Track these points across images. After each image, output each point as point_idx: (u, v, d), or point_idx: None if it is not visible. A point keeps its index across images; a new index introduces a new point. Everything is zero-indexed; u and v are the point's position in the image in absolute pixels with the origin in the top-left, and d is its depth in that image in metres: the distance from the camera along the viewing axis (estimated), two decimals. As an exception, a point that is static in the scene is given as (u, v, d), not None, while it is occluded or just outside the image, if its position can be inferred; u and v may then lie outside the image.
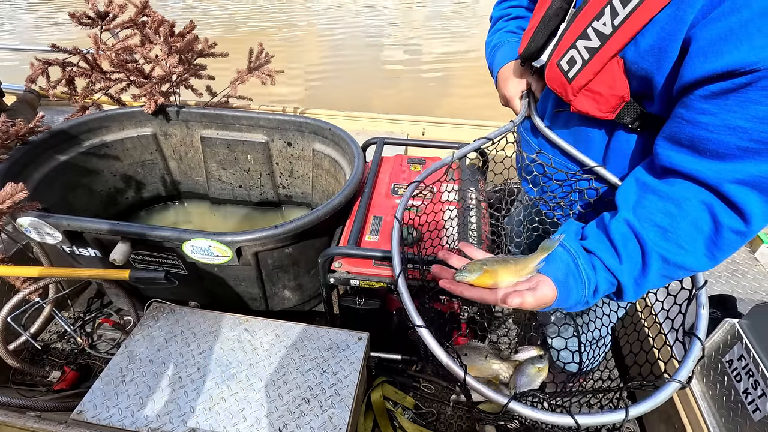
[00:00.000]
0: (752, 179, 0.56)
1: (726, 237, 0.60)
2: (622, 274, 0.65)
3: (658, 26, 0.59)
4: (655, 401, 0.59)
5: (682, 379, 0.60)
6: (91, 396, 1.18)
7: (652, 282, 0.65)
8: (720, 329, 1.20)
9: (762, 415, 1.03)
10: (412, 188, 0.86)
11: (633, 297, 0.67)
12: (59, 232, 1.35)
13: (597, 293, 0.66)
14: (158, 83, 1.87)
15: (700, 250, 0.62)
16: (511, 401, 0.60)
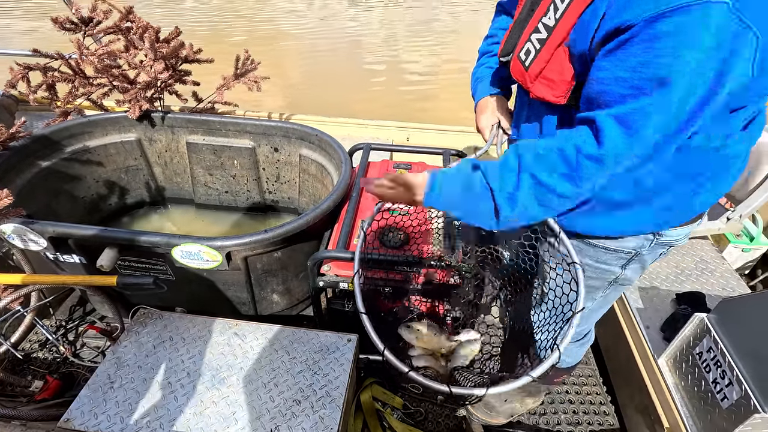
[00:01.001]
0: (621, 114, 0.64)
1: (582, 163, 0.69)
2: (495, 181, 0.76)
3: (588, 14, 0.69)
4: (509, 386, 0.76)
5: (535, 375, 0.75)
6: (78, 403, 1.17)
7: (524, 198, 0.75)
8: (690, 324, 1.28)
9: (729, 403, 1.10)
10: (377, 208, 1.07)
11: (508, 210, 0.77)
12: (44, 238, 1.34)
13: (471, 192, 0.79)
14: (143, 89, 1.86)
15: (564, 172, 0.71)
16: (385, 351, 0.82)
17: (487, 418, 1.54)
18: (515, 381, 0.75)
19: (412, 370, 0.79)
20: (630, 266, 0.98)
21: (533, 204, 0.75)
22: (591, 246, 0.97)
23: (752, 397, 1.02)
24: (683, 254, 1.88)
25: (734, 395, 1.08)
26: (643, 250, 0.94)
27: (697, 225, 0.94)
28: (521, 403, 1.53)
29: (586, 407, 1.64)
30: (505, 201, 0.76)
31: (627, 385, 1.58)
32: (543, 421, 1.60)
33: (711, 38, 0.55)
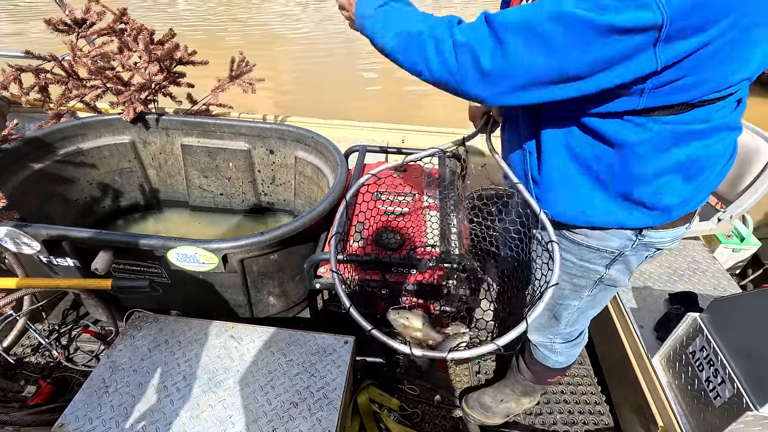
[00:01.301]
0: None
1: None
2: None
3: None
4: (472, 353, 0.78)
5: (500, 344, 0.76)
6: (72, 408, 1.16)
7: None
8: (683, 323, 1.29)
9: (722, 401, 1.12)
10: (365, 178, 1.10)
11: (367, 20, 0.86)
12: (37, 241, 1.33)
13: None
14: (137, 91, 1.86)
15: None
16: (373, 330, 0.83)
17: (483, 418, 1.55)
18: (479, 347, 0.77)
19: (374, 329, 0.82)
20: (614, 266, 1.00)
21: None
22: (575, 244, 0.99)
23: (744, 395, 1.04)
24: (676, 255, 1.90)
25: (727, 393, 1.10)
26: (627, 251, 0.96)
27: (684, 228, 0.95)
28: (517, 403, 1.54)
29: (582, 407, 1.66)
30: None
31: (621, 385, 1.60)
32: (539, 421, 1.61)
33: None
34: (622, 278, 1.04)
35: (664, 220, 0.87)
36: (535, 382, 1.43)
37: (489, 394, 1.56)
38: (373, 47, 0.90)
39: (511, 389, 1.51)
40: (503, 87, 0.72)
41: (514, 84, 0.71)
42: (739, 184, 1.74)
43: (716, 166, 0.82)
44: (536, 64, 0.68)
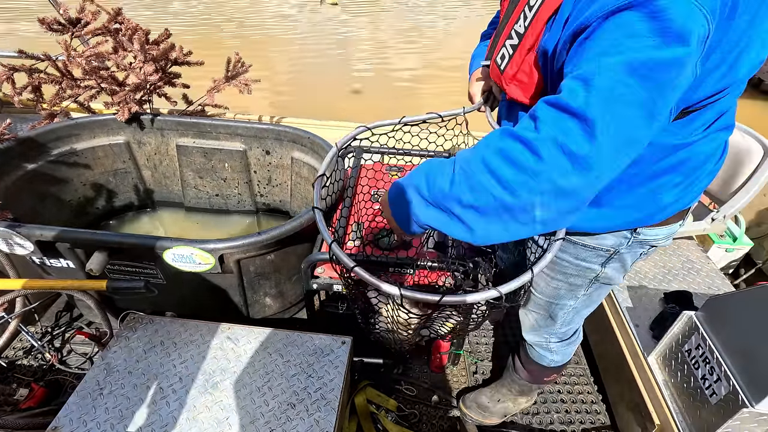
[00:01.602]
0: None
1: (510, 145, 0.63)
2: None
3: (552, 22, 0.72)
4: (471, 297, 0.71)
5: (503, 291, 0.70)
6: (66, 410, 1.15)
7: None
8: (679, 322, 1.30)
9: (718, 398, 1.13)
10: (359, 131, 0.99)
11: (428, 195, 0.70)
12: (30, 242, 1.31)
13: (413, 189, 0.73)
14: (132, 91, 1.84)
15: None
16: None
17: (480, 418, 1.55)
18: (478, 293, 0.70)
19: (357, 266, 0.72)
20: (610, 265, 1.00)
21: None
22: (570, 243, 1.00)
23: (740, 392, 1.05)
24: (670, 254, 1.92)
25: (723, 391, 1.11)
26: (622, 249, 0.96)
27: (678, 225, 0.96)
28: (514, 403, 1.55)
29: (578, 406, 1.66)
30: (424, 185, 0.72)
31: (617, 384, 1.60)
32: (536, 421, 1.61)
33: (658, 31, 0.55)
34: (618, 276, 1.04)
35: (659, 219, 0.89)
36: (532, 382, 1.43)
37: (486, 394, 1.56)
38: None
39: (508, 389, 1.51)
40: (602, 165, 0.60)
41: (612, 157, 0.60)
42: (732, 184, 1.76)
43: (708, 164, 0.84)
44: (632, 128, 0.59)
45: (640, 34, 0.56)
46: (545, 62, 0.75)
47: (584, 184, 0.60)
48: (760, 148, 1.67)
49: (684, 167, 0.81)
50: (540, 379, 1.41)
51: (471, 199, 0.64)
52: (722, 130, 0.80)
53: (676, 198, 0.86)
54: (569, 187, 0.60)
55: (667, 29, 0.54)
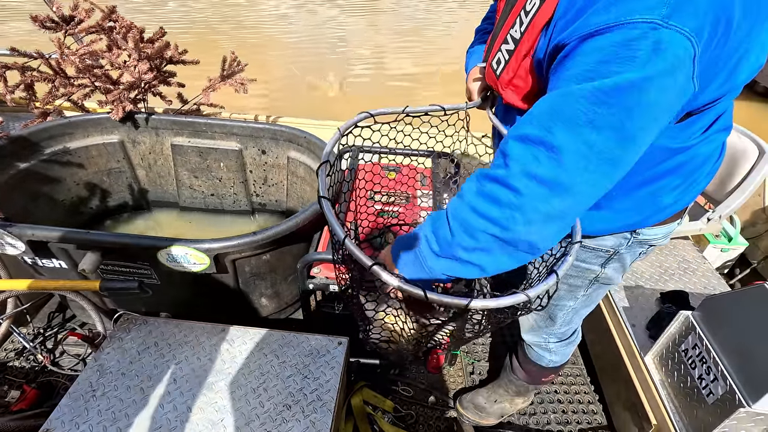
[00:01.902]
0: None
1: (486, 185, 0.66)
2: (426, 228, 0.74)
3: (545, 31, 0.71)
4: (499, 302, 0.67)
5: (531, 295, 0.68)
6: (58, 413, 1.13)
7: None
8: (675, 321, 1.30)
9: (715, 398, 1.13)
10: (362, 116, 0.96)
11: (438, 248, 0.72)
12: (22, 242, 1.29)
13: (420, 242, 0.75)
14: (127, 90, 1.83)
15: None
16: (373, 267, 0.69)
17: (477, 419, 1.54)
18: (506, 297, 0.68)
19: (376, 264, 0.68)
20: (610, 265, 1.00)
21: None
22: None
23: (737, 392, 1.05)
24: (666, 254, 1.92)
25: (719, 390, 1.11)
26: (622, 249, 0.96)
27: (676, 224, 0.96)
28: (511, 403, 1.54)
29: (575, 406, 1.66)
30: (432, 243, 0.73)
31: (614, 384, 1.60)
32: (533, 421, 1.61)
33: (642, 58, 0.55)
34: (617, 276, 1.04)
35: (658, 219, 0.89)
36: (529, 382, 1.43)
37: (483, 394, 1.56)
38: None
39: (505, 389, 1.51)
40: (580, 187, 0.61)
41: (587, 179, 0.61)
42: (728, 184, 1.77)
43: (707, 166, 0.84)
44: (603, 151, 0.60)
45: (612, 59, 0.56)
46: (541, 69, 0.75)
47: (568, 206, 0.62)
48: (756, 149, 1.67)
49: (683, 169, 0.81)
50: (538, 380, 1.41)
51: (473, 243, 0.67)
52: (720, 131, 0.80)
53: (676, 199, 0.86)
54: (555, 212, 0.62)
55: (640, 53, 0.54)
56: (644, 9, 0.53)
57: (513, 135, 0.64)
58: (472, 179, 0.69)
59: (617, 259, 0.98)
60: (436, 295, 0.66)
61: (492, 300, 0.67)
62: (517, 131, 0.64)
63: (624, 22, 0.54)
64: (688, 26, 0.53)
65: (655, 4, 0.53)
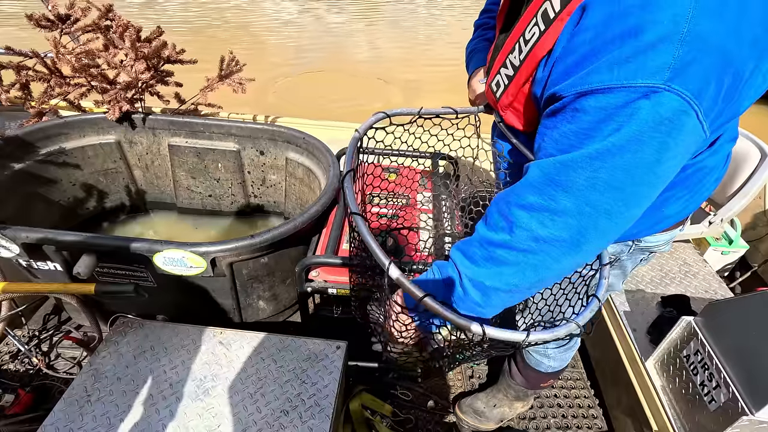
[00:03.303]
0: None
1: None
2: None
3: (542, 66, 0.70)
4: (554, 333, 0.66)
5: (580, 322, 0.67)
6: (52, 418, 1.11)
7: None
8: (677, 327, 1.29)
9: (717, 405, 1.11)
10: (379, 117, 0.92)
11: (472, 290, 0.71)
12: (16, 244, 1.27)
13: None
14: (123, 89, 1.81)
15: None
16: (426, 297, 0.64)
17: (476, 423, 1.53)
18: (560, 327, 0.66)
19: (428, 296, 0.64)
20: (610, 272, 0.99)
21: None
22: None
23: (740, 400, 1.03)
24: (667, 257, 1.91)
25: (722, 398, 1.09)
26: (623, 256, 0.95)
27: (678, 231, 0.95)
28: (510, 408, 1.53)
29: (575, 411, 1.65)
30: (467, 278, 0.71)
31: (615, 388, 1.59)
32: (533, 426, 1.59)
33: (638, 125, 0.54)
34: (617, 282, 1.03)
35: (661, 228, 0.88)
36: (528, 387, 1.41)
37: (482, 399, 1.55)
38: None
39: (504, 394, 1.50)
40: (590, 241, 0.62)
41: (596, 234, 0.62)
42: (729, 188, 1.76)
43: (713, 174, 0.83)
44: (608, 212, 0.61)
45: (611, 120, 0.55)
46: (538, 99, 0.73)
47: (581, 256, 0.64)
48: (758, 152, 1.67)
49: (689, 181, 0.80)
50: (537, 385, 1.40)
51: (484, 300, 0.69)
52: (727, 142, 0.78)
53: (681, 208, 0.85)
54: (568, 265, 0.65)
55: (641, 115, 0.53)
56: (647, 74, 0.52)
57: (516, 203, 0.64)
58: (475, 244, 0.69)
59: (618, 265, 0.97)
60: (493, 330, 0.63)
61: (548, 332, 0.65)
62: (520, 199, 0.64)
63: (626, 85, 0.53)
64: (690, 89, 0.52)
65: (658, 69, 0.52)
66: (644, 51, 0.52)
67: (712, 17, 0.51)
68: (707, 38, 0.51)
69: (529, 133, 0.83)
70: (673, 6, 0.51)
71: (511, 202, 0.65)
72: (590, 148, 0.57)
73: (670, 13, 0.51)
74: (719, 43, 0.52)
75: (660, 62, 0.52)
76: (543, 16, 0.66)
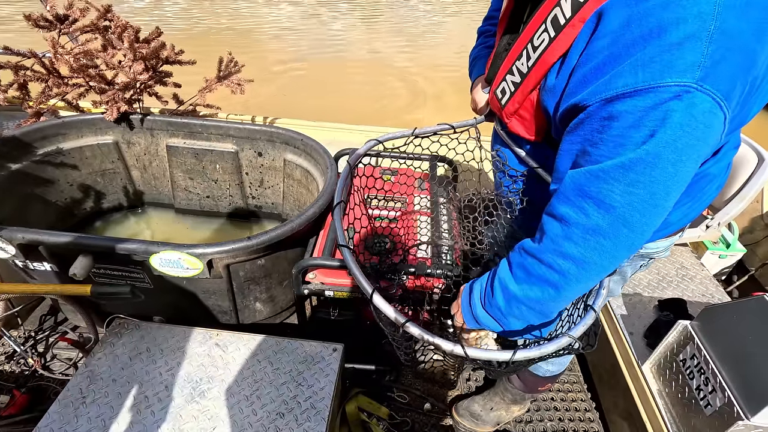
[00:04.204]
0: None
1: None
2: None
3: (553, 74, 0.69)
4: (544, 349, 0.66)
5: (574, 335, 0.67)
6: (47, 420, 1.11)
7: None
8: (674, 331, 1.29)
9: (713, 410, 1.11)
10: (370, 144, 0.95)
11: (501, 300, 0.73)
12: (12, 245, 1.27)
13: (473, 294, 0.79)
14: (122, 90, 1.80)
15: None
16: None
17: (473, 426, 1.53)
18: (549, 343, 0.66)
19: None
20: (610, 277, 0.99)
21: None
22: None
23: (735, 404, 1.03)
24: (664, 261, 1.91)
25: (718, 402, 1.09)
26: (623, 262, 0.95)
27: (678, 237, 0.95)
28: (507, 411, 1.53)
29: (572, 414, 1.65)
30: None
31: (611, 392, 1.59)
32: (529, 429, 1.59)
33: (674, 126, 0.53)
34: (617, 288, 1.03)
35: (663, 235, 0.88)
36: (526, 391, 1.41)
37: (478, 402, 1.54)
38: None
39: (501, 397, 1.50)
40: (619, 252, 0.63)
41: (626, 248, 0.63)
42: (727, 191, 1.76)
43: (716, 181, 0.83)
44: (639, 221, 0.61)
45: (643, 124, 0.53)
46: (548, 108, 0.72)
47: (605, 275, 0.67)
48: (755, 156, 1.66)
49: (694, 188, 0.79)
50: (534, 389, 1.40)
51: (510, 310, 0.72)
52: (731, 150, 0.78)
53: (683, 215, 0.85)
54: (591, 284, 0.67)
55: (675, 116, 0.51)
56: (677, 72, 0.50)
57: (549, 211, 0.65)
58: (517, 249, 0.72)
59: (618, 271, 0.97)
60: (475, 351, 0.65)
61: (534, 349, 0.65)
62: (552, 209, 0.65)
63: (655, 85, 0.51)
64: (721, 90, 0.50)
65: (688, 67, 0.49)
66: (670, 50, 0.50)
67: (737, 15, 0.49)
68: (735, 36, 0.49)
69: (533, 141, 0.83)
70: (697, 3, 0.49)
71: (547, 211, 0.66)
72: (623, 158, 0.54)
73: (696, 11, 0.49)
74: (746, 42, 0.50)
75: (690, 60, 0.49)
76: (553, 22, 0.65)
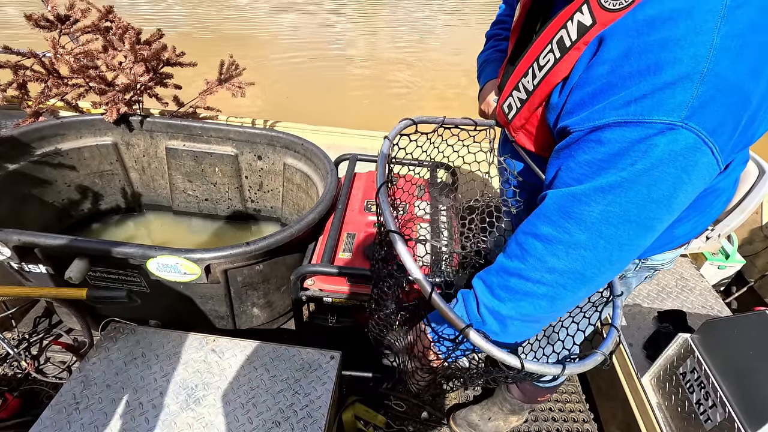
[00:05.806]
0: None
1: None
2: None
3: (557, 92, 0.69)
4: (584, 365, 0.66)
5: (606, 351, 0.67)
6: (39, 426, 1.09)
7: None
8: (674, 344, 1.28)
9: (713, 425, 1.11)
10: (406, 124, 0.87)
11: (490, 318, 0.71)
12: (8, 247, 1.26)
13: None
14: (122, 91, 1.79)
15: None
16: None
17: (471, 436, 1.52)
18: (588, 359, 0.66)
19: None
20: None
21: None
22: None
23: (736, 420, 1.03)
24: (664, 272, 1.91)
25: (718, 417, 1.09)
26: (629, 273, 0.95)
27: (683, 249, 0.95)
28: (505, 421, 1.51)
29: (570, 425, 1.64)
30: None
31: (610, 403, 1.58)
32: (527, 440, 1.58)
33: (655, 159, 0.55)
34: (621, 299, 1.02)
35: (669, 248, 0.88)
36: (525, 401, 1.40)
37: (476, 411, 1.53)
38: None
39: (499, 407, 1.48)
40: (601, 273, 0.64)
41: (607, 265, 0.63)
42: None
43: (723, 196, 0.83)
44: (620, 243, 0.62)
45: (625, 154, 0.55)
46: (551, 121, 0.73)
47: (594, 286, 0.65)
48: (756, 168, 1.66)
49: (702, 203, 0.79)
50: (534, 399, 1.38)
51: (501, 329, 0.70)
52: (739, 165, 0.78)
53: (690, 229, 0.85)
54: (581, 295, 0.66)
55: (656, 150, 0.54)
56: (665, 111, 0.52)
57: (531, 232, 0.65)
58: (493, 272, 0.70)
59: (624, 283, 0.96)
60: (531, 364, 0.63)
61: (578, 364, 0.66)
62: (534, 229, 0.65)
63: (644, 120, 0.54)
64: (707, 128, 0.53)
65: (676, 106, 0.52)
66: (662, 89, 0.52)
67: (732, 57, 0.51)
68: (727, 78, 0.51)
69: (540, 155, 0.83)
70: (693, 45, 0.51)
71: (527, 231, 0.66)
72: (603, 181, 0.57)
73: (691, 53, 0.51)
74: (738, 83, 0.52)
75: (679, 100, 0.52)
76: (559, 44, 0.66)
